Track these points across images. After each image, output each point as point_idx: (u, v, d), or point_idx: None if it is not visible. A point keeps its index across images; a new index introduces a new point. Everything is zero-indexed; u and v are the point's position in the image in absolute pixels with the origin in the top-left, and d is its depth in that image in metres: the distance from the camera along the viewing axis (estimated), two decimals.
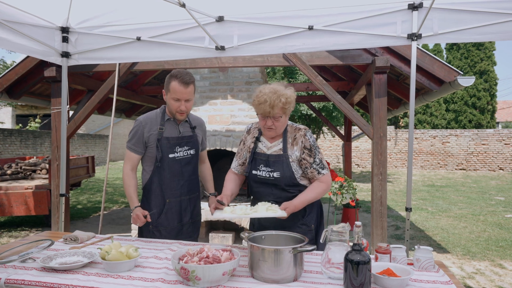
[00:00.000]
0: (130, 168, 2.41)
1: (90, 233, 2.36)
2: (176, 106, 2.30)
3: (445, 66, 4.14)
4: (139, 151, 2.40)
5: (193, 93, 2.33)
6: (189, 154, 2.44)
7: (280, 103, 2.05)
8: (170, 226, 2.41)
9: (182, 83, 2.24)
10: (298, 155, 2.18)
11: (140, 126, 2.37)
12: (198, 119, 2.60)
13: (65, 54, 3.56)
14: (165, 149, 2.35)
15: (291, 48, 3.18)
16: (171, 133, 2.40)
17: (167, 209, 2.40)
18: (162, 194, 2.39)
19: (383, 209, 4.38)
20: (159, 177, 2.38)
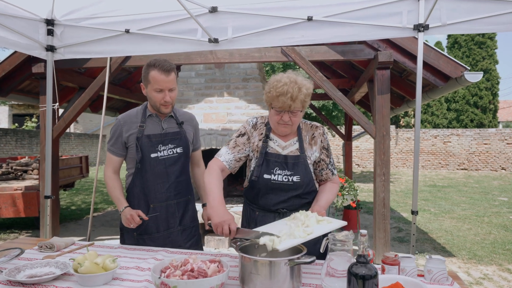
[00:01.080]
0: (111, 171, 2.21)
1: (69, 240, 2.16)
2: (160, 97, 2.08)
3: (451, 61, 3.95)
4: (120, 153, 2.19)
5: (176, 81, 2.11)
6: (175, 153, 2.21)
7: (301, 95, 1.78)
8: (154, 234, 2.19)
9: (163, 71, 2.02)
10: (317, 156, 1.97)
11: (119, 126, 2.16)
12: (186, 114, 2.36)
13: (50, 48, 3.37)
14: (146, 148, 2.12)
15: (289, 41, 2.99)
16: (152, 130, 2.17)
17: (151, 214, 2.17)
18: (145, 199, 2.18)
19: (386, 211, 4.19)
20: (141, 179, 2.17)
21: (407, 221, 6.86)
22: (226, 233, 1.65)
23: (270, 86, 1.86)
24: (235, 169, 2.05)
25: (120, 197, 2.16)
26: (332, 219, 1.74)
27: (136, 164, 2.15)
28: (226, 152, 2.00)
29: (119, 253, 2.00)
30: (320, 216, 1.74)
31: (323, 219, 1.71)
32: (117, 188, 2.18)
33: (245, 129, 2.05)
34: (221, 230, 1.67)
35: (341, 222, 1.69)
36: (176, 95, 2.17)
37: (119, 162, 2.22)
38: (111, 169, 2.21)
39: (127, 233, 2.23)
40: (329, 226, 1.66)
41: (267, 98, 1.89)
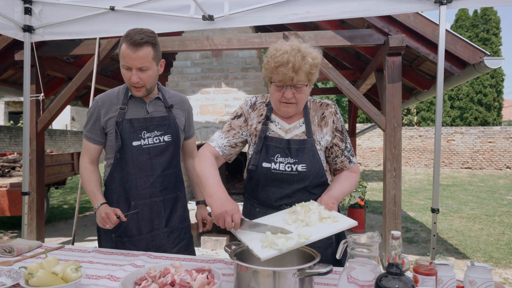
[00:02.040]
0: (88, 160, 1.88)
1: (34, 242, 1.83)
2: (127, 77, 1.73)
3: (469, 45, 3.61)
4: (98, 140, 1.86)
5: (152, 58, 1.71)
6: (161, 141, 1.86)
7: (306, 66, 1.44)
8: (136, 236, 1.85)
9: (130, 45, 1.65)
10: (328, 140, 1.62)
11: (96, 108, 1.83)
12: (177, 96, 2.01)
13: (28, 28, 3.03)
14: (127, 135, 1.80)
15: (293, 17, 2.66)
16: (135, 113, 1.83)
17: (132, 214, 1.83)
18: (126, 195, 1.84)
19: (397, 210, 3.85)
20: (121, 172, 1.83)
21: (414, 221, 6.53)
22: (229, 225, 1.32)
23: (269, 56, 1.51)
24: (231, 157, 1.72)
25: (96, 192, 1.83)
26: (340, 215, 1.39)
27: (115, 153, 1.81)
28: (219, 137, 1.68)
29: (91, 258, 1.67)
30: (326, 211, 1.39)
31: (328, 215, 1.36)
32: (92, 181, 1.85)
33: (241, 110, 1.71)
34: (223, 223, 1.33)
35: (349, 221, 1.34)
36: (154, 76, 1.77)
37: (97, 150, 1.89)
38: (88, 158, 1.89)
39: (104, 234, 1.90)
40: (333, 227, 1.31)
41: (265, 71, 1.55)
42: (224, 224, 1.33)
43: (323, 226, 1.31)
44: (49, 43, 4.40)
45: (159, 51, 1.77)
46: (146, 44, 1.67)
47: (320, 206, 1.42)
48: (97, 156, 1.92)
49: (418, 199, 9.06)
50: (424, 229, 5.97)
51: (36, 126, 4.40)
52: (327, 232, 1.27)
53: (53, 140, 15.72)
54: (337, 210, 1.45)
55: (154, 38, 1.72)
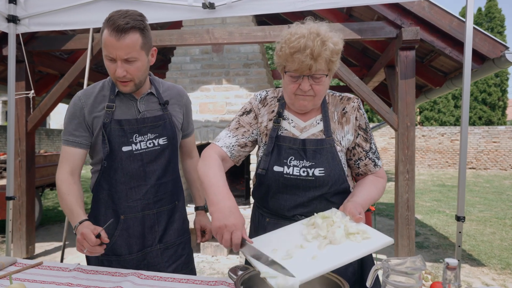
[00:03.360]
0: (68, 170, 1.49)
1: (8, 259, 1.58)
2: (111, 70, 1.44)
3: (488, 38, 3.36)
4: (82, 143, 1.52)
5: (140, 47, 1.41)
6: (156, 145, 1.58)
7: (327, 52, 1.21)
8: (125, 255, 1.58)
9: (114, 31, 1.35)
10: (350, 140, 1.38)
11: (78, 104, 1.53)
12: (173, 89, 1.71)
13: (12, 19, 2.80)
14: (116, 139, 1.51)
15: (301, 5, 2.42)
16: (125, 113, 1.54)
17: (121, 229, 1.57)
18: (114, 207, 1.57)
19: (411, 215, 3.61)
20: (108, 181, 1.55)
21: (423, 224, 6.29)
22: (226, 243, 1.08)
23: (282, 42, 1.28)
24: (239, 159, 1.48)
25: (75, 207, 1.44)
26: (371, 230, 1.14)
27: (102, 161, 1.54)
28: (226, 136, 1.44)
29: (72, 279, 1.41)
30: (353, 225, 1.14)
31: (357, 230, 1.12)
32: (71, 195, 1.46)
33: (251, 105, 1.48)
34: (220, 238, 1.09)
35: (384, 239, 1.10)
36: (143, 67, 1.48)
37: (81, 157, 1.53)
38: (68, 168, 1.50)
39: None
40: (365, 246, 1.06)
41: (278, 59, 1.32)
42: (221, 241, 1.09)
43: (351, 245, 1.06)
44: (40, 37, 4.16)
45: (149, 37, 1.47)
46: (132, 29, 1.37)
47: (345, 217, 1.18)
48: (80, 164, 1.54)
49: (424, 200, 8.82)
50: (434, 233, 5.73)
51: (26, 125, 4.16)
52: (357, 254, 1.03)
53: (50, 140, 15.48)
54: (365, 221, 1.20)
55: (142, 22, 1.42)
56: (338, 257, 1.01)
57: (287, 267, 0.98)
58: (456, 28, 3.42)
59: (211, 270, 3.99)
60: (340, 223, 1.14)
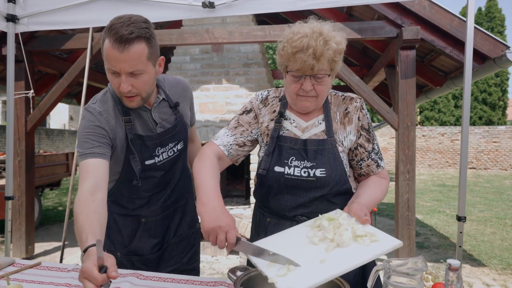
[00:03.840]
0: (89, 186, 1.19)
1: (6, 259, 1.57)
2: (115, 84, 1.30)
3: (489, 38, 3.35)
4: (106, 154, 1.33)
5: (146, 58, 1.26)
6: (176, 152, 1.54)
7: (329, 52, 1.19)
8: (148, 254, 1.58)
9: (117, 42, 1.19)
10: (353, 140, 1.37)
11: (101, 119, 1.35)
12: (178, 85, 1.59)
13: (11, 18, 2.79)
14: (139, 155, 1.43)
15: (301, 4, 2.40)
16: (143, 126, 1.44)
17: (142, 231, 1.56)
18: (135, 212, 1.56)
19: (411, 215, 3.60)
20: (129, 189, 1.50)
21: (423, 224, 6.28)
22: (221, 244, 1.06)
23: (284, 41, 1.27)
24: (238, 158, 1.46)
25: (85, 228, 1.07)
26: (379, 232, 1.11)
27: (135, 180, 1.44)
28: (224, 134, 1.43)
29: (70, 280, 1.41)
30: (360, 227, 1.12)
31: (364, 232, 1.09)
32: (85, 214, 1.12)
33: (251, 105, 1.46)
34: (213, 240, 1.06)
35: (393, 241, 1.07)
36: (150, 80, 1.34)
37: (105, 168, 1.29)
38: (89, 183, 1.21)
39: (109, 251, 1.58)
40: (374, 249, 1.03)
41: (280, 59, 1.30)
42: (215, 242, 1.06)
43: (360, 248, 1.04)
44: (39, 37, 4.15)
45: (156, 46, 1.32)
46: (137, 39, 1.21)
47: (351, 219, 1.16)
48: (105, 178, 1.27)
49: (424, 200, 8.81)
50: (434, 233, 5.72)
51: (25, 125, 4.15)
52: (367, 257, 1.00)
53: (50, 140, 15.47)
54: (371, 223, 1.19)
55: (147, 30, 1.26)
56: (347, 260, 0.99)
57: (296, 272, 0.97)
58: (457, 28, 3.41)
59: (211, 270, 3.98)
60: (347, 226, 1.11)
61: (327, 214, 1.21)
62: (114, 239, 1.59)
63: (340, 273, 0.96)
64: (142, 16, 1.32)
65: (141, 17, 1.30)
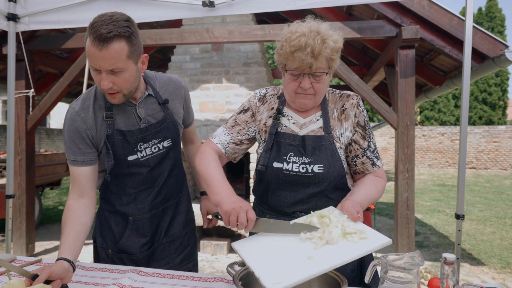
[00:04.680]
0: (76, 193, 1.39)
1: (6, 256, 1.58)
2: (97, 81, 1.33)
3: (488, 37, 3.36)
4: (88, 160, 1.42)
5: (126, 56, 1.28)
6: (162, 148, 1.53)
7: (327, 50, 1.22)
8: (137, 253, 1.59)
9: (96, 40, 1.22)
10: (349, 136, 1.38)
11: (78, 119, 1.40)
12: (170, 82, 1.60)
13: (12, 17, 2.80)
14: (120, 150, 1.45)
15: (301, 3, 2.42)
16: (125, 121, 1.45)
17: (131, 229, 1.57)
18: (123, 209, 1.56)
19: (410, 214, 3.61)
20: (117, 185, 1.53)
21: (423, 223, 6.28)
22: (242, 222, 1.12)
23: (283, 40, 1.29)
24: (235, 157, 1.50)
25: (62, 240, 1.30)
26: (369, 230, 1.13)
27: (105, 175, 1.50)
28: (222, 133, 1.47)
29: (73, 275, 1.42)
30: (351, 224, 1.14)
31: (354, 229, 1.10)
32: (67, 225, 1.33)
33: (249, 103, 1.49)
34: (234, 220, 1.13)
35: (382, 239, 1.07)
36: (132, 78, 1.35)
37: (89, 174, 1.42)
38: (76, 190, 1.40)
39: (101, 248, 1.62)
40: (362, 247, 1.04)
41: (278, 58, 1.33)
42: (235, 222, 1.13)
43: (348, 245, 1.05)
44: (40, 36, 4.16)
45: (138, 44, 1.33)
46: (116, 38, 1.23)
47: (343, 216, 1.17)
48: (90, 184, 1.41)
49: (424, 200, 8.82)
50: (434, 232, 5.73)
51: (26, 124, 4.17)
52: (355, 255, 1.01)
53: (50, 139, 15.48)
54: (363, 221, 1.20)
55: (128, 28, 1.26)
56: (334, 258, 1.00)
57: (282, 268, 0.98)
58: (456, 27, 3.42)
59: (211, 269, 4.00)
60: (337, 223, 1.13)
61: (320, 211, 1.22)
62: (106, 235, 1.61)
63: (326, 269, 0.97)
64: (125, 14, 1.32)
65: (124, 15, 1.31)
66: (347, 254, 1.01)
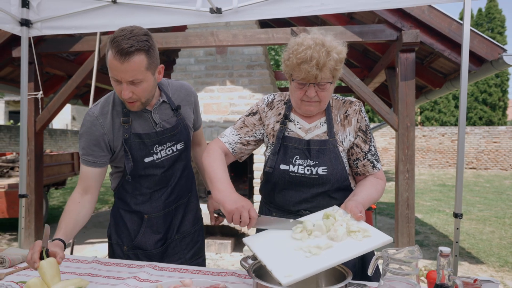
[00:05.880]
0: (81, 189, 1.52)
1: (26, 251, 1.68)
2: (118, 90, 1.44)
3: (486, 41, 3.45)
4: (100, 162, 1.54)
5: (145, 68, 1.39)
6: (175, 151, 1.65)
7: (331, 62, 1.31)
8: (151, 249, 1.69)
9: (118, 54, 1.33)
10: (351, 140, 1.48)
11: (97, 124, 1.51)
12: (181, 89, 1.72)
13: (25, 22, 2.89)
14: (137, 152, 1.56)
15: (306, 10, 2.51)
16: (142, 126, 1.57)
17: (146, 227, 1.68)
18: (138, 208, 1.67)
19: (411, 213, 3.69)
20: (132, 185, 1.64)
21: (423, 223, 6.38)
22: (245, 220, 1.21)
23: (290, 52, 1.39)
24: (242, 156, 1.60)
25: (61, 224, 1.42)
26: (372, 228, 1.21)
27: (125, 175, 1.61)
28: (230, 133, 1.57)
29: (91, 270, 1.51)
30: (354, 223, 1.22)
31: (357, 228, 1.19)
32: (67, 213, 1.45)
33: (257, 107, 1.59)
34: (237, 218, 1.22)
35: (383, 237, 1.16)
36: (150, 87, 1.46)
37: (97, 175, 1.54)
38: (81, 186, 1.53)
39: (116, 245, 1.73)
40: (365, 244, 1.13)
41: (286, 68, 1.43)
42: (238, 220, 1.22)
43: (352, 243, 1.14)
44: (48, 40, 4.26)
45: (155, 56, 1.44)
46: (137, 52, 1.34)
47: (347, 215, 1.27)
48: (95, 184, 1.54)
49: (424, 200, 8.90)
50: (434, 231, 5.82)
51: (34, 125, 4.26)
52: (358, 251, 1.10)
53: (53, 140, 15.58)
54: (365, 220, 1.29)
55: (147, 43, 1.38)
56: (340, 254, 1.09)
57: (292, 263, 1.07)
58: (455, 31, 3.50)
59: (215, 267, 4.09)
60: (342, 222, 1.22)
61: (325, 210, 1.31)
62: (121, 233, 1.71)
63: (333, 264, 1.06)
64: (144, 28, 1.43)
65: (142, 29, 1.41)
66: (351, 251, 1.10)
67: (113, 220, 1.74)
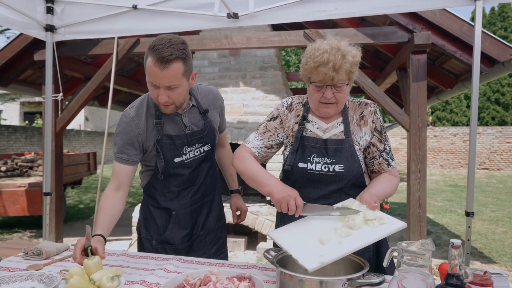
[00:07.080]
0: (114, 185, 1.62)
1: (62, 245, 1.79)
2: (154, 95, 1.55)
3: (498, 42, 3.48)
4: (133, 160, 1.64)
5: (182, 75, 1.49)
6: (202, 152, 1.76)
7: (346, 64, 1.40)
8: (178, 243, 1.80)
9: (158, 61, 1.43)
10: (368, 140, 1.57)
11: (132, 125, 1.62)
12: (209, 94, 1.83)
13: (50, 28, 3.03)
14: (168, 152, 1.67)
15: (320, 14, 2.59)
16: (173, 128, 1.68)
17: (173, 222, 1.79)
18: (166, 204, 1.79)
19: (422, 213, 3.74)
20: (162, 183, 1.75)
21: (434, 223, 6.39)
22: (292, 208, 1.35)
23: (307, 56, 1.49)
24: (266, 159, 1.71)
25: (98, 220, 1.51)
26: (387, 216, 1.30)
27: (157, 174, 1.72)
28: (255, 138, 1.67)
29: (121, 262, 1.62)
30: (370, 212, 1.31)
31: (373, 216, 1.28)
32: (103, 209, 1.54)
33: (277, 112, 1.69)
34: (285, 206, 1.36)
35: (398, 223, 1.26)
36: (184, 92, 1.57)
37: (129, 172, 1.64)
38: (114, 183, 1.62)
39: (145, 239, 1.84)
40: (381, 230, 1.22)
41: (304, 72, 1.53)
42: (287, 208, 1.34)
43: (369, 230, 1.23)
44: (68, 43, 4.40)
45: (190, 63, 1.56)
46: (175, 60, 1.45)
47: (362, 206, 1.35)
48: (127, 181, 1.64)
49: (436, 200, 8.89)
50: (446, 231, 5.83)
51: (54, 126, 4.41)
52: (376, 237, 1.20)
53: (67, 140, 15.89)
54: (379, 209, 1.38)
55: (184, 51, 1.49)
56: (359, 240, 1.18)
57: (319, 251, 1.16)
58: (466, 33, 3.54)
59: None
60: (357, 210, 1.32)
61: (341, 202, 1.40)
62: (150, 228, 1.82)
63: (354, 249, 1.15)
64: (181, 37, 1.53)
65: (179, 38, 1.51)
66: (370, 236, 1.19)
67: (142, 215, 1.85)
